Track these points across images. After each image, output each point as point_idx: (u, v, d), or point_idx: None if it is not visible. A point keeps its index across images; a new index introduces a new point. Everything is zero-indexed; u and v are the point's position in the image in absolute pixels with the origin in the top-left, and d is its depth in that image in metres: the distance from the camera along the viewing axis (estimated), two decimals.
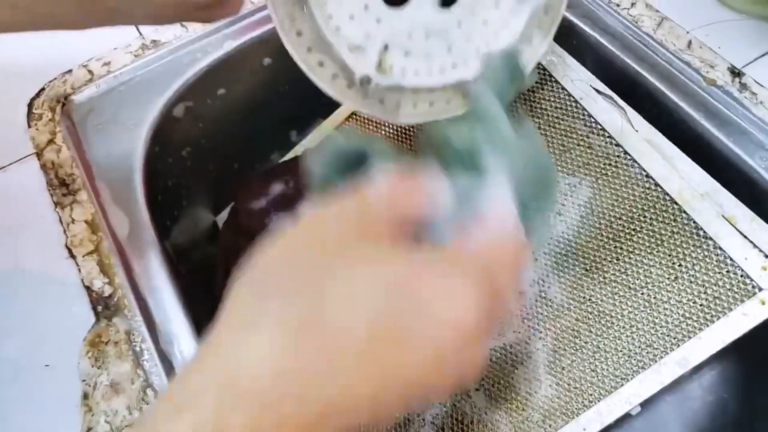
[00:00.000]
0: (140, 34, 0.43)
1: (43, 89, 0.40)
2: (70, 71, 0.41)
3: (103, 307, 0.32)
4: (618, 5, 0.41)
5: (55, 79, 0.41)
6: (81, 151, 0.39)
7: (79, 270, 0.33)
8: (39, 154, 0.38)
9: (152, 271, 0.34)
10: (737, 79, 0.36)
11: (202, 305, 0.39)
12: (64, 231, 0.35)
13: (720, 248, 0.31)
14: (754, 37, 0.37)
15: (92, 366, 0.30)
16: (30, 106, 0.40)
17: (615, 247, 0.33)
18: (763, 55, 0.37)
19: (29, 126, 0.39)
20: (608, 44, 0.40)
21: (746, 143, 0.34)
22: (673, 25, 0.39)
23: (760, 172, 0.34)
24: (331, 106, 0.46)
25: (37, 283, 0.33)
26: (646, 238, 0.33)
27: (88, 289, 0.32)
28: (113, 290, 0.33)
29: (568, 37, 0.41)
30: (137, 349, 0.31)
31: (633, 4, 0.40)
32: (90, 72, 0.42)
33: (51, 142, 0.38)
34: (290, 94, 0.47)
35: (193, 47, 0.43)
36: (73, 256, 0.34)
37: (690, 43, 0.38)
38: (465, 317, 0.18)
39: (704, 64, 0.37)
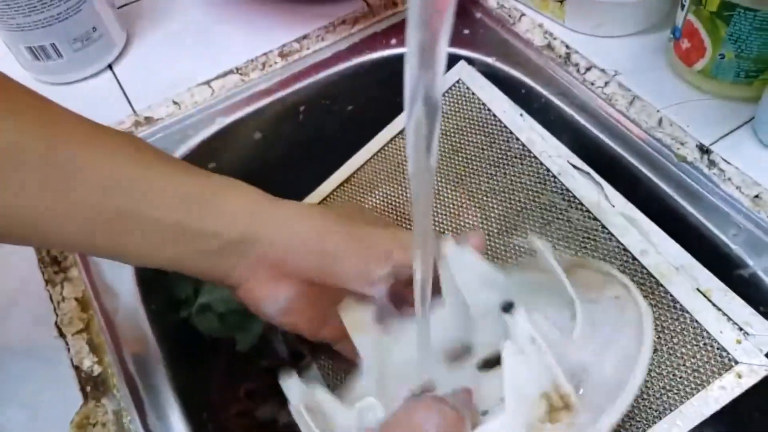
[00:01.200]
0: (133, 111, 0.45)
1: None
2: None
3: (92, 387, 0.32)
4: (593, 84, 0.43)
5: None
6: None
7: (68, 349, 0.33)
8: None
9: (142, 348, 0.34)
10: (706, 156, 0.38)
11: (192, 377, 0.39)
12: (55, 309, 0.35)
13: (696, 321, 0.32)
14: (720, 116, 0.40)
15: None
16: None
17: None
18: (729, 133, 0.39)
19: None
20: (584, 121, 0.42)
21: (717, 218, 0.36)
22: (645, 104, 0.41)
23: (731, 246, 0.35)
24: (319, 178, 0.48)
25: (26, 363, 0.33)
26: None
27: (77, 368, 0.33)
28: (102, 369, 0.33)
29: (546, 114, 0.43)
30: (126, 429, 0.31)
31: (607, 83, 0.43)
32: None
33: None
34: (280, 166, 0.49)
35: (185, 123, 0.44)
36: (62, 335, 0.34)
37: (661, 120, 0.40)
38: None
39: (675, 141, 0.39)
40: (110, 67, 0.49)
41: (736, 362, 0.31)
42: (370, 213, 0.43)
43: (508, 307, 0.30)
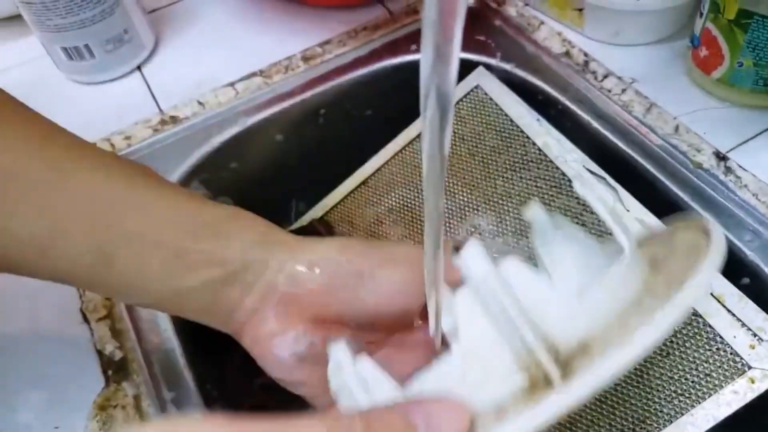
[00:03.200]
0: (160, 110, 0.46)
1: None
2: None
3: (113, 371, 0.33)
4: (610, 91, 0.43)
5: None
6: None
7: (92, 334, 0.34)
8: None
9: (162, 336, 0.35)
10: (722, 163, 0.38)
11: (209, 368, 0.40)
12: (80, 296, 0.36)
13: (710, 326, 0.32)
14: (738, 124, 0.40)
15: (99, 430, 0.31)
16: None
17: None
18: (746, 141, 0.39)
19: None
20: (601, 127, 0.43)
21: (732, 224, 0.36)
22: (662, 111, 0.41)
23: (747, 253, 0.35)
24: (337, 180, 0.49)
25: (52, 347, 0.34)
26: None
27: (99, 353, 0.34)
28: (123, 354, 0.34)
29: (563, 120, 0.44)
30: (144, 413, 0.32)
31: (624, 91, 0.43)
32: (112, 145, 0.44)
33: None
34: (299, 167, 0.50)
35: (209, 123, 0.46)
36: (87, 321, 0.35)
37: (677, 128, 0.40)
38: None
39: (691, 148, 0.39)
40: (139, 68, 0.50)
41: (750, 367, 0.31)
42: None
43: None
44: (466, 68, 0.46)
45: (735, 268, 0.34)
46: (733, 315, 0.32)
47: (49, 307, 0.36)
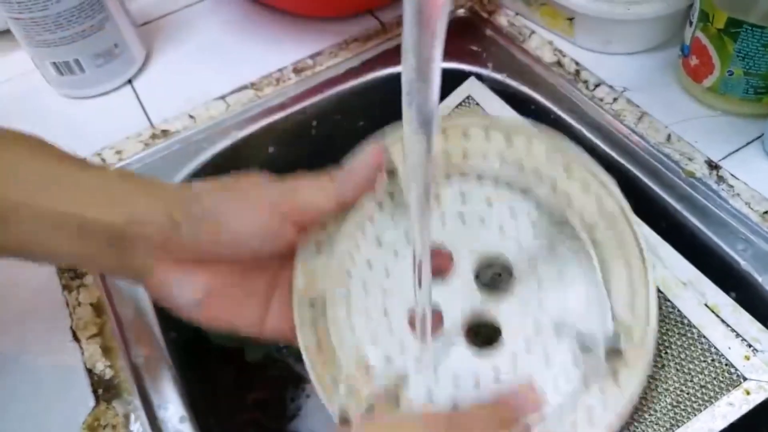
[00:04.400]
0: (151, 124, 0.46)
1: None
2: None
3: (104, 390, 0.33)
4: (601, 100, 0.43)
5: None
6: None
7: (83, 353, 0.34)
8: None
9: (153, 353, 0.35)
10: (714, 172, 0.38)
11: (201, 384, 0.39)
12: (70, 314, 0.36)
13: (704, 336, 0.32)
14: (729, 132, 0.40)
15: None
16: None
17: None
18: (738, 150, 0.39)
19: None
20: (593, 136, 0.43)
21: (725, 233, 0.36)
22: (653, 120, 0.41)
23: (740, 262, 0.35)
24: None
25: (41, 365, 0.34)
26: None
27: (90, 371, 0.33)
28: (114, 373, 0.33)
29: (554, 129, 0.44)
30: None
31: (615, 100, 0.43)
32: (103, 159, 0.44)
33: None
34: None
35: (200, 136, 0.45)
36: (77, 339, 0.35)
37: (669, 136, 0.40)
38: None
39: (683, 157, 0.39)
40: (130, 81, 0.50)
41: (745, 378, 0.31)
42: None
43: None
44: (457, 78, 0.46)
45: (728, 278, 0.34)
46: (728, 326, 0.32)
47: (39, 325, 0.36)
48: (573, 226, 0.30)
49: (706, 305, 0.33)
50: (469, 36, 0.50)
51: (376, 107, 0.50)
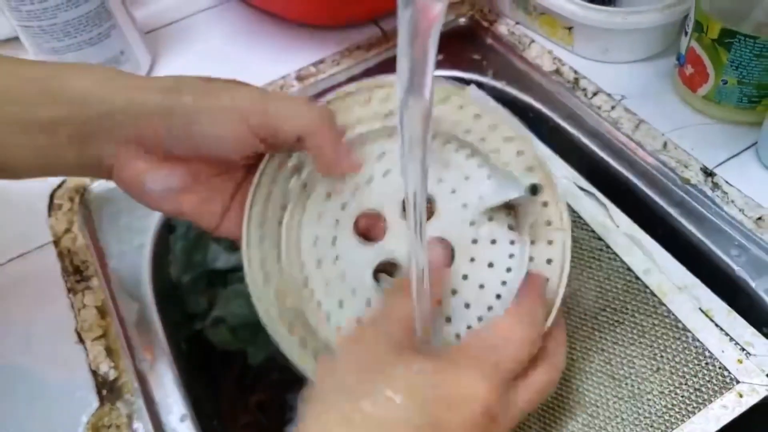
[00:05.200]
0: None
1: (64, 181, 0.44)
2: None
3: (108, 391, 0.33)
4: (599, 108, 0.44)
5: None
6: (95, 239, 0.41)
7: (87, 354, 0.35)
8: (56, 242, 0.40)
9: (156, 355, 0.35)
10: (709, 179, 0.38)
11: (203, 386, 0.40)
12: (75, 316, 0.36)
13: (698, 340, 0.33)
14: (724, 140, 0.40)
15: None
16: (52, 196, 0.43)
17: (600, 338, 0.35)
18: (732, 157, 0.39)
19: (49, 215, 0.42)
20: (590, 143, 0.43)
21: (720, 239, 0.36)
22: (650, 128, 0.42)
23: (734, 267, 0.35)
24: None
25: (46, 366, 0.34)
26: (629, 329, 0.35)
27: (94, 373, 0.34)
28: (118, 374, 0.34)
29: (553, 137, 0.44)
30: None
31: (613, 108, 0.44)
32: None
33: (68, 230, 0.41)
34: None
35: None
36: (82, 341, 0.35)
37: (665, 144, 0.41)
38: (484, 394, 0.24)
39: (679, 164, 0.40)
40: None
41: (738, 381, 0.31)
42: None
43: None
44: (457, 86, 0.47)
45: (723, 283, 0.35)
46: (722, 329, 0.33)
47: (44, 327, 0.36)
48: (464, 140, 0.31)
49: (700, 309, 0.33)
50: (470, 44, 0.51)
51: None
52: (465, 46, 0.51)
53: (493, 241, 0.30)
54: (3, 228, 0.41)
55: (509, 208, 0.31)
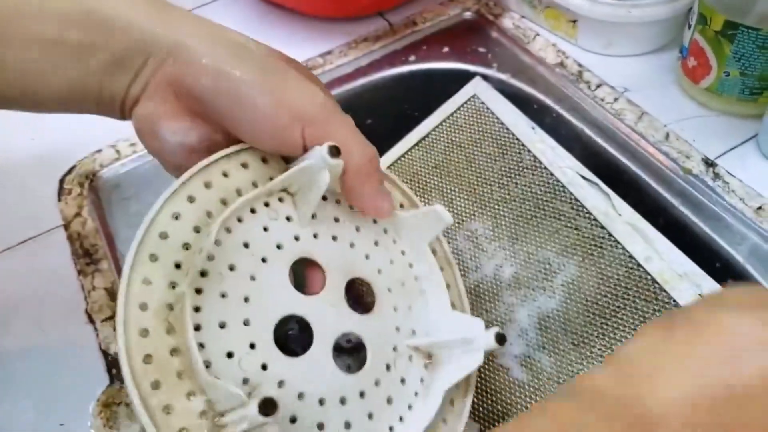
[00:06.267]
0: None
1: (74, 166, 0.44)
2: (100, 150, 0.45)
3: (117, 370, 0.34)
4: (602, 100, 0.45)
5: (86, 157, 0.45)
6: (104, 223, 0.42)
7: (97, 335, 0.35)
8: (66, 226, 0.41)
9: None
10: (711, 169, 0.39)
11: None
12: (85, 298, 0.37)
13: None
14: (726, 131, 0.41)
15: (104, 426, 0.31)
16: (62, 181, 0.43)
17: (601, 323, 0.35)
18: (733, 148, 0.40)
19: (59, 200, 0.42)
20: (594, 135, 0.44)
21: (720, 228, 0.37)
22: (652, 119, 0.42)
23: (735, 255, 0.36)
24: None
25: (57, 346, 0.35)
26: (629, 315, 0.35)
27: (104, 352, 0.35)
28: None
29: (557, 128, 0.45)
30: None
31: (616, 100, 0.44)
32: (117, 152, 0.46)
33: (78, 215, 0.41)
34: None
35: None
36: (92, 322, 0.36)
37: (667, 135, 0.41)
38: None
39: (681, 155, 0.40)
40: None
41: None
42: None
43: None
44: (463, 78, 0.48)
45: (724, 271, 0.35)
46: None
47: (54, 308, 0.37)
48: None
49: (700, 296, 0.34)
50: (475, 37, 0.52)
51: (384, 105, 0.52)
52: (470, 39, 0.52)
53: (402, 380, 0.28)
54: (14, 211, 0.42)
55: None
